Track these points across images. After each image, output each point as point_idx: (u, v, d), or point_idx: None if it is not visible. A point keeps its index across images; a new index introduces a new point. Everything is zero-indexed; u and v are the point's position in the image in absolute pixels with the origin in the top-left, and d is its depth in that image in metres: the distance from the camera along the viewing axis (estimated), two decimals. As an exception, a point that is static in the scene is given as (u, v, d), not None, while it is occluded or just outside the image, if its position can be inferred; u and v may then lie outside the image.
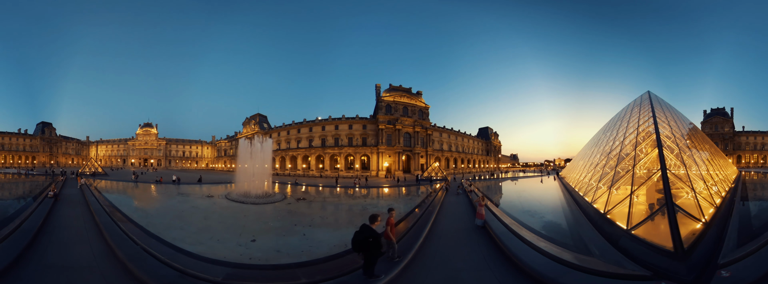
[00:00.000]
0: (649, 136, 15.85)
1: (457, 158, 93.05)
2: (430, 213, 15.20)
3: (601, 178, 17.83)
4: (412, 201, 24.82)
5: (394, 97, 76.20)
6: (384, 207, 21.45)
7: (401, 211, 17.82)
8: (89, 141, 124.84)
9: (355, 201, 26.61)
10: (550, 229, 14.52)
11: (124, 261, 7.17)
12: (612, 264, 7.86)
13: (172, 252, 8.42)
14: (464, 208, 18.53)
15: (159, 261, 7.09)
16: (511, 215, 15.96)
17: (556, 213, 19.32)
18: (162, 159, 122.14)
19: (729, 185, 21.50)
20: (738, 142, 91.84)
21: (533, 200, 26.84)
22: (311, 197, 27.01)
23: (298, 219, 16.95)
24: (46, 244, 8.86)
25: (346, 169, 73.41)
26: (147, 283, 5.62)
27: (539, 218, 17.19)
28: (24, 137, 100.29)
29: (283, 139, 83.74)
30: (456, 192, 27.98)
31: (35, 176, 46.88)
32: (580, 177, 26.45)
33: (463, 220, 14.64)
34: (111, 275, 6.72)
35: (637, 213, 10.41)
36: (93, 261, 7.66)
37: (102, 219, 11.78)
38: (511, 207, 21.34)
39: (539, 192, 35.01)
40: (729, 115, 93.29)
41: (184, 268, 6.72)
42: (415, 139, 78.16)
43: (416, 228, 12.13)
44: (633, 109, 25.34)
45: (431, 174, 59.80)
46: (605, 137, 27.76)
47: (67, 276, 6.63)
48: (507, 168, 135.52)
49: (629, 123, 22.24)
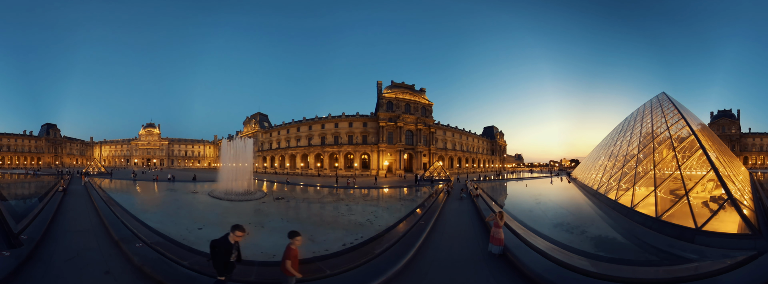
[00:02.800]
0: (685, 137, 18.23)
1: (461, 157, 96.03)
2: (420, 229, 12.50)
3: (636, 180, 18.68)
4: (403, 207, 22.88)
5: (395, 94, 79.01)
6: (365, 210, 20.82)
7: (381, 223, 16.02)
8: (93, 141, 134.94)
9: (336, 202, 25.82)
10: (604, 247, 12.35)
11: (109, 229, 11.79)
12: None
13: (139, 223, 13.22)
14: (470, 220, 15.86)
15: (127, 227, 11.77)
16: (541, 233, 13.23)
17: (595, 222, 17.19)
18: (165, 159, 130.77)
19: (748, 184, 23.14)
20: (744, 144, 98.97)
21: (557, 207, 23.89)
22: (295, 196, 29.19)
23: (258, 218, 18.06)
24: (62, 220, 13.81)
25: (346, 168, 76.86)
26: (118, 241, 10.16)
27: (580, 233, 14.48)
28: (29, 138, 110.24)
29: (283, 138, 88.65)
30: (459, 196, 26.50)
31: (41, 176, 53.85)
32: (602, 178, 27.14)
33: (469, 241, 11.78)
34: (101, 235, 11.32)
35: (693, 212, 12.26)
36: (91, 228, 12.49)
37: (99, 204, 16.82)
38: (533, 217, 18.31)
39: (558, 195, 32.67)
40: (736, 116, 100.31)
41: (133, 229, 11.31)
42: (417, 137, 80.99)
43: (391, 255, 9.41)
44: (653, 110, 27.41)
45: (433, 173, 60.61)
46: (623, 137, 29.86)
47: (76, 236, 11.27)
48: (512, 168, 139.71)
49: (654, 123, 24.14)
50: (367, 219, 17.79)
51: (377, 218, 18.30)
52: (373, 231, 13.86)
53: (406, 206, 23.65)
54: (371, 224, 16.57)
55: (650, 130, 23.54)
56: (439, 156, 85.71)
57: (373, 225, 16.06)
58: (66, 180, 35.94)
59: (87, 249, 9.68)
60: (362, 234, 13.71)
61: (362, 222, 17.21)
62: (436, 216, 15.83)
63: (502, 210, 12.80)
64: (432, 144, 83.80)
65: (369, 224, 16.56)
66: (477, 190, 27.11)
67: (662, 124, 22.51)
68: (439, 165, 65.28)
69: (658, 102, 28.57)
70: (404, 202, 26.57)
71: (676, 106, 23.61)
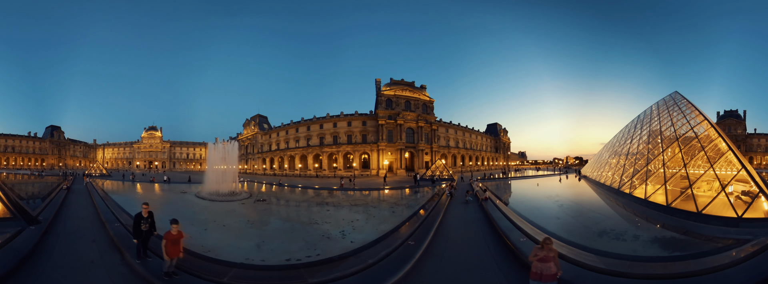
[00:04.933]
0: (713, 138, 20.71)
1: (465, 155, 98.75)
2: (406, 254, 10.10)
3: (667, 178, 20.70)
4: (394, 215, 20.60)
5: (394, 91, 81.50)
6: (345, 218, 19.42)
7: (357, 238, 13.86)
8: (96, 144, 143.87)
9: (320, 205, 25.61)
10: (672, 247, 12.18)
11: (100, 216, 16.20)
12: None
13: (123, 212, 17.72)
14: (481, 235, 13.51)
15: (112, 214, 16.24)
16: (593, 249, 10.97)
17: (634, 223, 17.41)
18: (166, 162, 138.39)
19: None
20: (750, 144, 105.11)
21: (584, 208, 23.17)
22: (281, 198, 31.33)
23: (225, 218, 19.42)
24: (67, 209, 18.66)
25: (345, 169, 79.63)
26: (104, 222, 14.43)
27: (633, 239, 13.69)
28: (34, 140, 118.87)
29: (282, 139, 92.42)
30: (464, 199, 24.39)
31: (46, 177, 60.51)
32: (623, 176, 28.56)
33: (484, 272, 9.11)
34: (95, 221, 15.73)
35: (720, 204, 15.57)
36: (87, 215, 17.10)
37: (96, 199, 21.47)
38: (564, 225, 16.86)
39: (576, 194, 31.98)
40: (741, 117, 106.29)
41: (117, 216, 15.59)
42: (418, 135, 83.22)
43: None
44: (670, 109, 29.71)
45: (435, 172, 60.38)
46: (640, 136, 32.02)
47: (76, 220, 15.73)
48: (516, 165, 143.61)
49: (675, 123, 26.25)
50: (341, 231, 15.65)
51: (355, 230, 16.00)
52: (338, 248, 11.97)
53: (398, 213, 21.30)
54: (343, 238, 14.30)
55: (673, 130, 25.68)
56: (442, 154, 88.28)
57: (344, 239, 13.92)
58: (70, 180, 41.43)
59: (83, 228, 14.11)
60: (322, 250, 11.89)
61: (333, 234, 15.12)
62: (435, 229, 13.39)
63: (547, 236, 8.04)
64: (434, 141, 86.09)
65: (340, 237, 14.36)
66: (485, 193, 25.00)
67: (684, 124, 24.91)
68: (442, 163, 65.55)
69: (673, 102, 30.99)
70: (397, 208, 24.21)
71: (696, 108, 25.99)
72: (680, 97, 31.23)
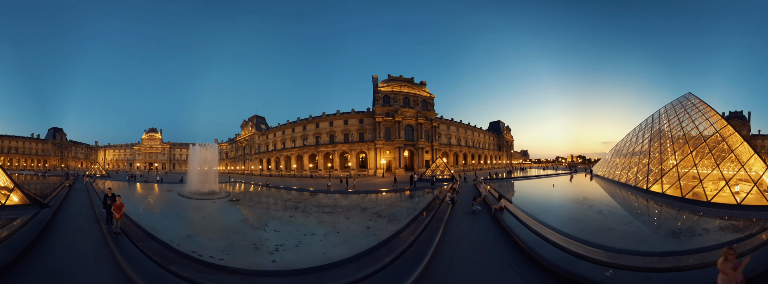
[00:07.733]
0: (735, 136, 26.03)
1: (467, 153, 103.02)
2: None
3: (700, 177, 24.97)
4: (365, 232, 17.26)
5: (392, 87, 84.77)
6: (306, 226, 18.98)
7: (287, 261, 11.93)
8: (97, 146, 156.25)
9: (293, 210, 26.07)
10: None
11: (93, 204, 23.03)
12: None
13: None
14: (502, 272, 10.07)
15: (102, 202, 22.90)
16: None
17: (679, 222, 18.84)
18: (166, 163, 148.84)
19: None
20: (754, 145, 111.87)
21: (634, 212, 23.90)
22: (258, 200, 34.76)
23: (188, 213, 24.24)
24: (69, 201, 25.97)
25: (341, 168, 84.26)
26: (94, 207, 21.11)
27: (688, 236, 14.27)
28: (36, 141, 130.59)
29: (279, 140, 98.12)
30: (471, 208, 20.67)
31: (49, 177, 70.05)
32: (649, 176, 31.13)
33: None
34: (88, 208, 22.74)
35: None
36: (84, 204, 24.35)
37: (92, 193, 28.59)
38: (638, 238, 15.18)
39: (601, 196, 32.56)
40: (746, 118, 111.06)
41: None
42: (418, 132, 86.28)
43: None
44: (688, 110, 34.21)
45: (435, 172, 59.74)
46: (660, 136, 35.69)
47: (76, 207, 22.82)
48: (520, 164, 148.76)
49: (698, 124, 30.24)
50: (280, 245, 14.39)
51: (297, 247, 14.30)
52: (247, 264, 11.52)
53: (373, 230, 17.73)
54: (270, 254, 13.11)
55: (698, 131, 29.75)
56: (443, 152, 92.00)
57: (271, 256, 12.76)
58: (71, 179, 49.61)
59: (80, 211, 21.26)
60: (233, 258, 12.19)
61: (267, 246, 14.19)
62: (424, 265, 9.92)
63: (729, 246, 6.93)
64: (435, 139, 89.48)
65: (268, 253, 13.22)
66: (500, 201, 20.28)
67: (708, 126, 29.30)
68: (442, 162, 64.86)
69: (690, 103, 35.30)
70: (377, 221, 20.37)
71: (715, 110, 30.53)
72: (696, 99, 35.26)
